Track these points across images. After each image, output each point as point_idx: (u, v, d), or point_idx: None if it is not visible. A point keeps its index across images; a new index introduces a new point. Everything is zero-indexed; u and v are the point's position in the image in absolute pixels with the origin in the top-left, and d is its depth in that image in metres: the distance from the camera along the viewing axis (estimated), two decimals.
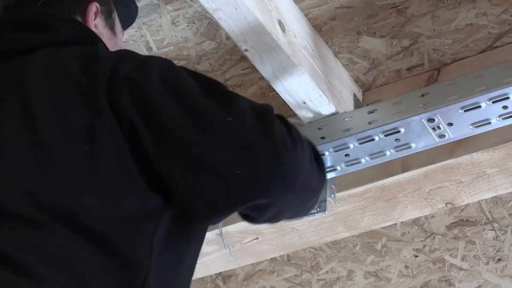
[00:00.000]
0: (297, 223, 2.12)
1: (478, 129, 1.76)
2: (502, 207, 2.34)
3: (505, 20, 1.92)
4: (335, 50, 2.01)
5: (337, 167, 1.88)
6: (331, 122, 1.88)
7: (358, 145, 1.82)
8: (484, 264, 2.42)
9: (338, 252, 2.51)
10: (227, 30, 1.68)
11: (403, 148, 1.82)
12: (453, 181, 1.97)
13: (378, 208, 2.06)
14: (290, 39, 1.78)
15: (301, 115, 1.93)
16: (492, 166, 1.93)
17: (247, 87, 2.11)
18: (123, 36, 1.69)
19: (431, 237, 2.42)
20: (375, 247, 2.48)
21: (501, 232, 2.38)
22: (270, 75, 1.81)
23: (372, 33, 1.97)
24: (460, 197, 2.01)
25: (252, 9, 1.63)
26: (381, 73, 2.06)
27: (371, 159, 1.85)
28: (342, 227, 2.13)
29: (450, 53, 2.00)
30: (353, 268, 2.53)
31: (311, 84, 1.83)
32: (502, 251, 2.40)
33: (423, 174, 1.95)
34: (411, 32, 1.96)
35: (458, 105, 1.72)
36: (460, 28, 1.94)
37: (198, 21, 1.93)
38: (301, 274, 2.58)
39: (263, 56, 1.75)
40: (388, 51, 2.01)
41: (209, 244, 2.20)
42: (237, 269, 2.60)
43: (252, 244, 2.20)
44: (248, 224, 1.48)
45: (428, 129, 1.77)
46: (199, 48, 2.00)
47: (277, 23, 1.74)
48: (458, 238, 2.41)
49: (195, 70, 1.45)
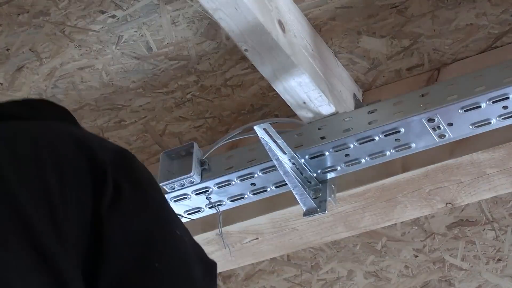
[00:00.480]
0: (297, 223, 2.12)
1: (478, 129, 1.76)
2: (502, 207, 2.34)
3: (505, 20, 1.91)
4: (335, 50, 2.01)
5: (337, 167, 1.88)
6: (331, 122, 1.88)
7: (358, 145, 1.82)
8: (484, 264, 2.42)
9: (338, 252, 2.51)
10: (227, 30, 1.68)
11: (403, 148, 1.82)
12: (453, 181, 1.97)
13: (378, 208, 2.06)
14: (290, 39, 1.78)
15: (301, 115, 1.93)
16: (492, 166, 1.93)
17: (247, 87, 2.11)
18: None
19: (431, 237, 2.42)
20: (375, 247, 2.48)
21: (501, 232, 2.38)
22: (270, 75, 1.81)
23: (372, 33, 1.97)
24: (460, 197, 2.01)
25: (252, 9, 1.63)
26: (381, 73, 2.06)
27: (371, 159, 1.85)
28: (342, 227, 2.13)
29: (450, 53, 2.00)
30: (353, 268, 2.53)
31: (311, 84, 1.83)
32: (502, 251, 2.40)
33: (423, 174, 1.95)
34: (411, 32, 1.96)
35: (458, 105, 1.72)
36: (460, 28, 1.94)
37: (198, 21, 1.93)
38: (301, 274, 2.58)
39: (263, 56, 1.75)
40: (388, 51, 2.01)
41: (209, 244, 2.20)
42: (237, 269, 2.60)
43: (252, 244, 2.20)
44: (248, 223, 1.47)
45: (428, 129, 1.77)
46: (199, 48, 2.00)
47: (277, 23, 1.74)
48: (458, 238, 2.41)
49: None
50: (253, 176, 1.90)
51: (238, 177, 1.89)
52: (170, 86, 2.11)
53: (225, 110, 2.17)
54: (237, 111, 2.17)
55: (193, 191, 1.92)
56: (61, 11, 1.92)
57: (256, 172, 1.89)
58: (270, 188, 1.92)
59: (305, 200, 1.86)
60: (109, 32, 1.96)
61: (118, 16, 1.92)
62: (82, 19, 1.92)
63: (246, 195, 1.94)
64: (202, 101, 2.15)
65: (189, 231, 1.16)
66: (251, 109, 2.17)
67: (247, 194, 1.94)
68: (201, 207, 1.97)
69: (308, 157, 1.86)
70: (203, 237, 2.18)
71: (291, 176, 1.83)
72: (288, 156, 1.82)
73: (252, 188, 1.92)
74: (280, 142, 1.79)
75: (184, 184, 1.89)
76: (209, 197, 1.93)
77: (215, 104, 2.15)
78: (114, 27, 1.95)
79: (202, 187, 1.92)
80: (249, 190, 1.93)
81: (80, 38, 1.97)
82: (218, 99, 2.14)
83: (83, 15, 1.91)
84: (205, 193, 1.92)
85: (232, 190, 1.92)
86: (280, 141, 1.78)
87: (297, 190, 1.85)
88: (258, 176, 1.89)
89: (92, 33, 1.96)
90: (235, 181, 1.90)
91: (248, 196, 1.95)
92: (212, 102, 2.15)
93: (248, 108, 2.17)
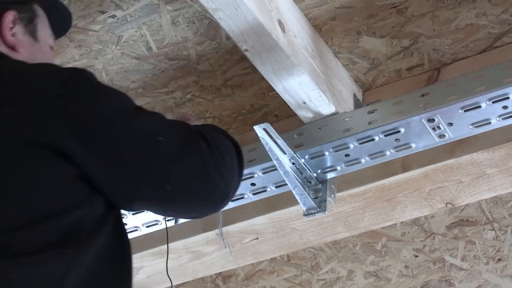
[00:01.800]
0: (297, 223, 2.12)
1: (478, 129, 1.76)
2: (502, 207, 2.34)
3: (505, 20, 1.92)
4: (335, 50, 2.01)
5: (337, 167, 1.88)
6: (331, 122, 1.88)
7: (358, 145, 1.82)
8: (484, 264, 2.42)
9: (338, 252, 2.51)
10: (227, 30, 1.68)
11: (403, 148, 1.82)
12: (453, 181, 1.97)
13: (378, 208, 2.06)
14: (290, 39, 1.79)
15: (301, 115, 1.93)
16: (492, 166, 1.93)
17: (247, 87, 2.11)
18: (52, 40, 1.67)
19: (431, 237, 2.42)
20: (375, 247, 2.48)
21: (501, 232, 2.38)
22: (270, 75, 1.81)
23: (372, 33, 1.97)
24: (460, 197, 2.01)
25: (252, 9, 1.63)
26: (381, 73, 2.06)
27: (371, 159, 1.85)
28: (342, 227, 2.13)
29: (450, 53, 2.00)
30: (353, 268, 2.53)
31: (311, 84, 1.83)
32: (502, 251, 2.40)
33: (423, 174, 1.96)
34: (411, 32, 1.96)
35: (458, 105, 1.72)
36: (460, 28, 1.94)
37: (198, 21, 1.93)
38: (301, 274, 2.58)
39: (263, 56, 1.75)
40: (388, 51, 2.01)
41: (209, 244, 2.20)
42: (237, 269, 2.60)
43: (252, 244, 2.20)
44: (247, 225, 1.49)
45: (428, 129, 1.77)
46: (199, 48, 2.00)
47: (277, 23, 1.74)
48: (458, 238, 2.41)
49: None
50: (253, 176, 1.90)
51: None
52: (170, 86, 2.11)
53: (225, 110, 2.17)
54: (237, 111, 2.17)
55: None
56: None
57: (256, 172, 1.89)
58: (270, 188, 1.92)
59: (305, 200, 1.86)
60: (109, 32, 1.96)
61: (118, 16, 1.92)
62: (82, 19, 1.92)
63: (246, 195, 1.94)
64: (202, 101, 2.15)
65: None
66: (251, 109, 2.17)
67: (247, 194, 1.94)
68: None
69: (308, 157, 1.86)
70: (203, 237, 2.18)
71: (291, 176, 1.83)
72: (288, 156, 1.82)
73: (252, 188, 1.93)
74: (280, 142, 1.79)
75: None
76: None
77: (215, 104, 2.15)
78: (114, 27, 1.95)
79: None
80: (249, 190, 1.93)
81: (80, 38, 1.97)
82: (218, 99, 2.14)
83: (83, 15, 1.91)
84: None
85: None
86: (280, 141, 1.79)
87: (297, 190, 1.85)
88: (258, 176, 1.89)
89: (92, 33, 1.96)
90: None
91: (248, 196, 1.95)
92: (212, 102, 2.15)
93: (248, 108, 2.17)
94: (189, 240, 2.19)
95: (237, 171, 1.53)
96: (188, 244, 2.21)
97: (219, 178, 1.45)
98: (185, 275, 2.34)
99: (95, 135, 1.33)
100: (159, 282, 2.34)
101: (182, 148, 1.41)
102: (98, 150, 1.33)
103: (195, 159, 1.42)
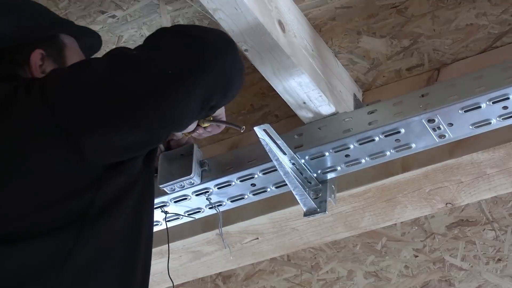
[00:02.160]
0: (297, 223, 2.12)
1: (478, 129, 1.76)
2: (502, 207, 2.34)
3: (505, 20, 1.92)
4: (335, 50, 2.01)
5: (337, 167, 1.87)
6: (331, 122, 1.88)
7: (358, 145, 1.82)
8: (484, 264, 2.42)
9: (338, 252, 2.51)
10: (227, 30, 1.68)
11: (403, 148, 1.82)
12: (453, 181, 1.97)
13: (378, 208, 2.06)
14: (290, 39, 1.78)
15: (301, 115, 1.93)
16: (492, 166, 1.93)
17: (247, 87, 2.10)
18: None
19: (431, 237, 2.42)
20: (375, 247, 2.48)
21: (501, 232, 2.38)
22: (270, 75, 1.81)
23: (372, 33, 1.97)
24: (460, 197, 2.01)
25: (252, 9, 1.63)
26: (381, 73, 2.06)
27: (371, 160, 1.85)
28: (342, 227, 2.13)
29: (450, 53, 2.00)
30: (353, 268, 2.53)
31: (311, 84, 1.83)
32: (502, 251, 2.40)
33: (423, 174, 1.96)
34: (411, 32, 1.96)
35: (458, 105, 1.72)
36: (460, 28, 1.94)
37: (198, 21, 1.93)
38: (301, 274, 2.58)
39: (263, 56, 1.75)
40: (388, 51, 2.01)
41: (209, 244, 2.20)
42: (237, 269, 2.59)
43: (252, 244, 2.20)
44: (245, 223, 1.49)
45: (428, 129, 1.77)
46: None
47: (277, 23, 1.74)
48: (458, 238, 2.41)
49: None
50: (253, 176, 1.90)
51: (238, 178, 1.89)
52: None
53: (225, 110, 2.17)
54: (237, 111, 2.17)
55: (193, 192, 1.92)
56: (61, 11, 1.92)
57: (256, 173, 1.89)
58: (270, 189, 1.92)
59: (305, 200, 1.86)
60: (109, 32, 1.96)
61: (118, 16, 1.92)
62: (82, 19, 1.92)
63: (246, 195, 1.94)
64: None
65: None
66: (251, 109, 2.17)
67: (247, 194, 1.94)
68: (201, 208, 1.97)
69: (308, 158, 1.85)
70: (203, 237, 2.18)
71: (291, 177, 1.83)
72: (288, 156, 1.82)
73: (252, 188, 1.92)
74: (280, 143, 1.79)
75: (184, 185, 1.89)
76: (209, 197, 1.93)
77: None
78: (114, 27, 1.95)
79: (202, 188, 1.91)
80: (249, 191, 1.93)
81: None
82: None
83: (83, 15, 1.91)
84: (205, 194, 1.92)
85: (232, 190, 1.92)
86: (280, 141, 1.78)
87: (297, 190, 1.85)
88: (258, 176, 1.89)
89: None
90: (235, 181, 1.90)
91: (248, 197, 1.95)
92: None
93: (248, 108, 2.17)
94: (189, 240, 2.19)
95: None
96: (188, 244, 2.21)
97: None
98: (185, 275, 2.34)
99: (53, 89, 1.43)
100: (159, 282, 2.34)
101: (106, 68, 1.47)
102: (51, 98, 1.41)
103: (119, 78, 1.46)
